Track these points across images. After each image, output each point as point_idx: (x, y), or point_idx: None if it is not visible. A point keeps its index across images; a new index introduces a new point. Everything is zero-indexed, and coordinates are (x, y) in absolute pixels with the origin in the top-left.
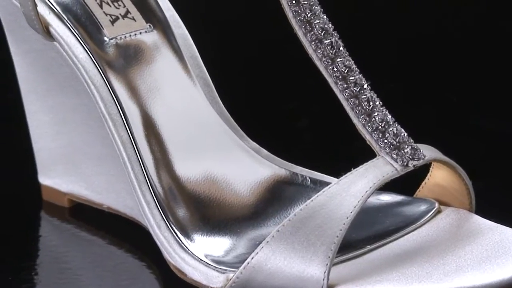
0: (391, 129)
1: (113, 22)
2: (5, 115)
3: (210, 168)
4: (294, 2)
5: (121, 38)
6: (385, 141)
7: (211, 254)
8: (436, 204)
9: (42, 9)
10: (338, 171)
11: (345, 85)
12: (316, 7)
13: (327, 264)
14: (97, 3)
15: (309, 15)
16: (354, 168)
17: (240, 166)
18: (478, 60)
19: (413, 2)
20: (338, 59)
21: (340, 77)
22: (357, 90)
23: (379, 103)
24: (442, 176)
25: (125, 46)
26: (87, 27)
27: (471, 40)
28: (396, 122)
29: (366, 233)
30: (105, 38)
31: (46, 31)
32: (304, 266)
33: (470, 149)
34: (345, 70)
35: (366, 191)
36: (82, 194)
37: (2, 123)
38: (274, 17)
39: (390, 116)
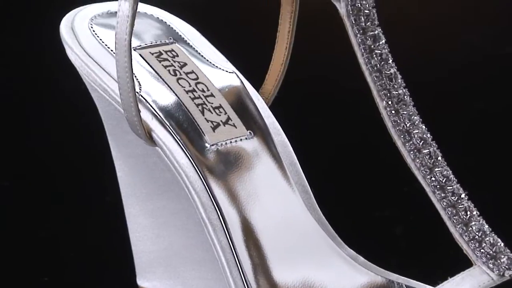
0: (488, 238)
1: (214, 128)
2: (103, 218)
3: (308, 275)
4: (393, 112)
5: (222, 144)
6: (482, 250)
7: None
8: None
9: (145, 115)
10: (434, 280)
11: (442, 195)
12: (415, 117)
13: None
14: (199, 110)
15: (408, 124)
16: (450, 277)
17: (337, 273)
18: None
19: None
20: (436, 169)
21: (438, 186)
22: (455, 199)
23: (476, 212)
24: None
25: (225, 153)
26: (189, 133)
27: None
28: (493, 232)
29: None
30: (206, 144)
31: (148, 136)
32: None
33: None
34: (443, 179)
35: None
36: None
37: (99, 224)
38: (372, 126)
39: (487, 226)
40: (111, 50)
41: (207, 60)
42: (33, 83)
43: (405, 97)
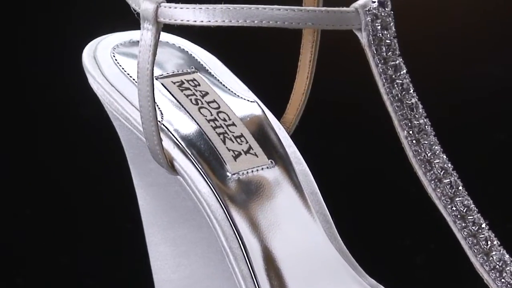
0: (508, 268)
1: (235, 157)
2: (124, 246)
3: None
4: (414, 141)
5: (243, 173)
6: (503, 280)
7: None
8: None
9: (167, 144)
10: None
11: (463, 224)
12: (436, 147)
13: None
14: (221, 139)
15: (429, 154)
16: None
17: None
18: None
19: None
20: (457, 198)
21: (458, 216)
22: (475, 229)
23: (497, 242)
24: None
25: (247, 182)
26: (211, 162)
27: None
28: None
29: None
30: (228, 173)
31: (170, 165)
32: None
33: None
34: (463, 209)
35: None
36: None
37: (120, 252)
38: (392, 155)
39: (507, 256)
40: (133, 79)
41: (229, 89)
42: (55, 112)
43: (426, 127)
